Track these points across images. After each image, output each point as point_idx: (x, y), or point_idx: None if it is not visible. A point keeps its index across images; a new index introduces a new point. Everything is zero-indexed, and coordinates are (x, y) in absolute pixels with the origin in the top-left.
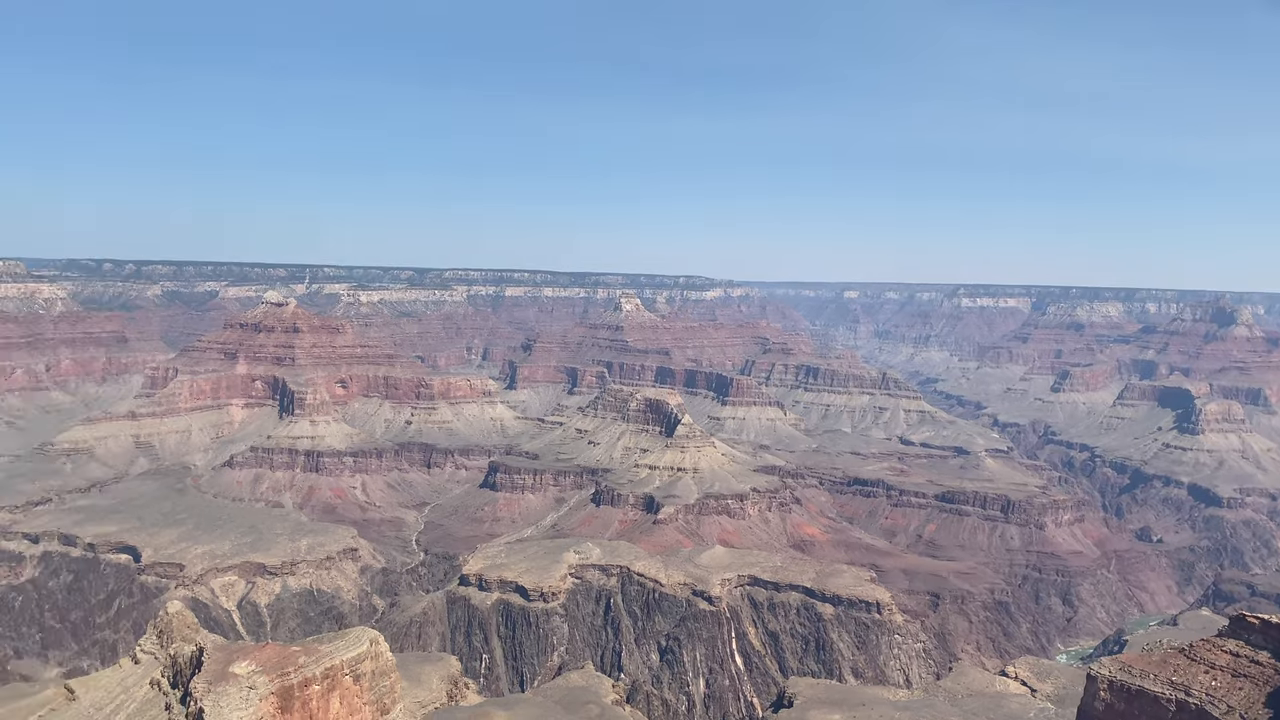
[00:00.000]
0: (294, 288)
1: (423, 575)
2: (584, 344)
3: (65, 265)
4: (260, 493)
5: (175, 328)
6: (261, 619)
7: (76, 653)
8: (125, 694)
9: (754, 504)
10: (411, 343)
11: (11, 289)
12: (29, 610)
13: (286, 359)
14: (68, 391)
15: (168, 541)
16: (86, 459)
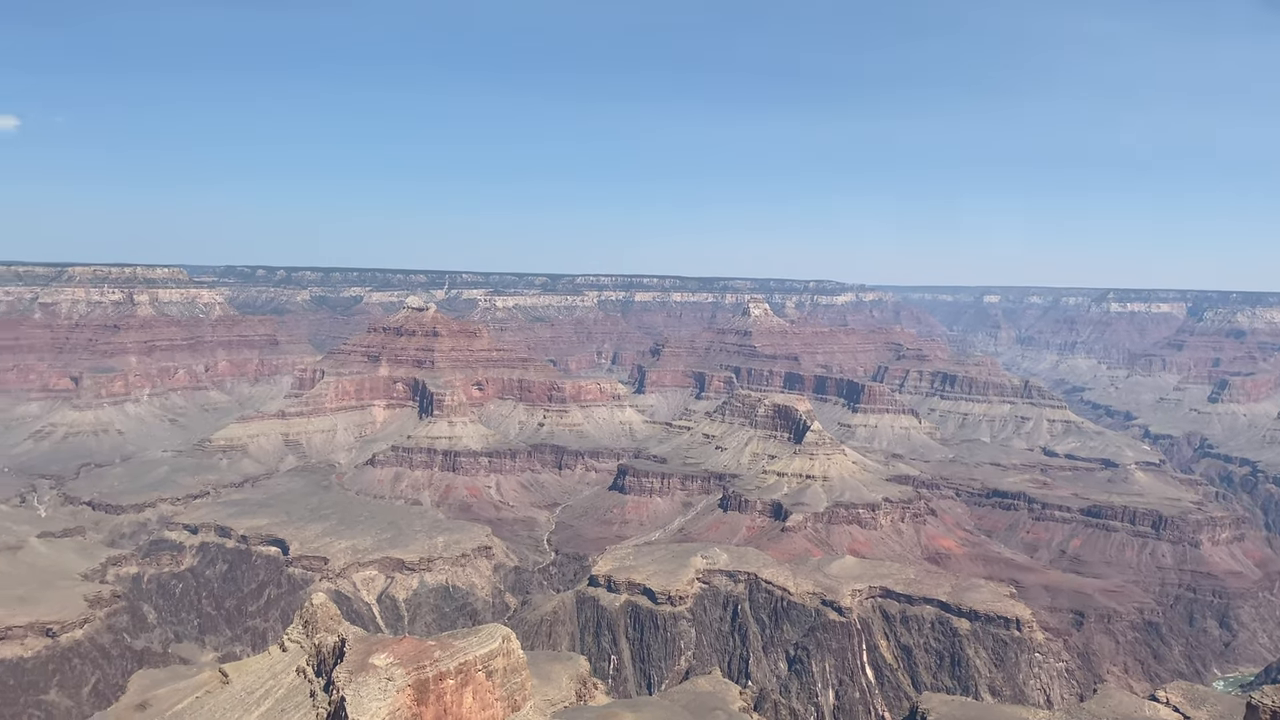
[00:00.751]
0: (434, 293)
1: (553, 574)
2: (712, 349)
3: (223, 272)
4: (400, 490)
5: (322, 331)
6: (399, 613)
7: (230, 639)
8: (274, 680)
9: (886, 514)
10: (544, 347)
11: (175, 294)
12: (188, 597)
13: (426, 362)
14: (224, 391)
15: (313, 535)
16: (240, 455)
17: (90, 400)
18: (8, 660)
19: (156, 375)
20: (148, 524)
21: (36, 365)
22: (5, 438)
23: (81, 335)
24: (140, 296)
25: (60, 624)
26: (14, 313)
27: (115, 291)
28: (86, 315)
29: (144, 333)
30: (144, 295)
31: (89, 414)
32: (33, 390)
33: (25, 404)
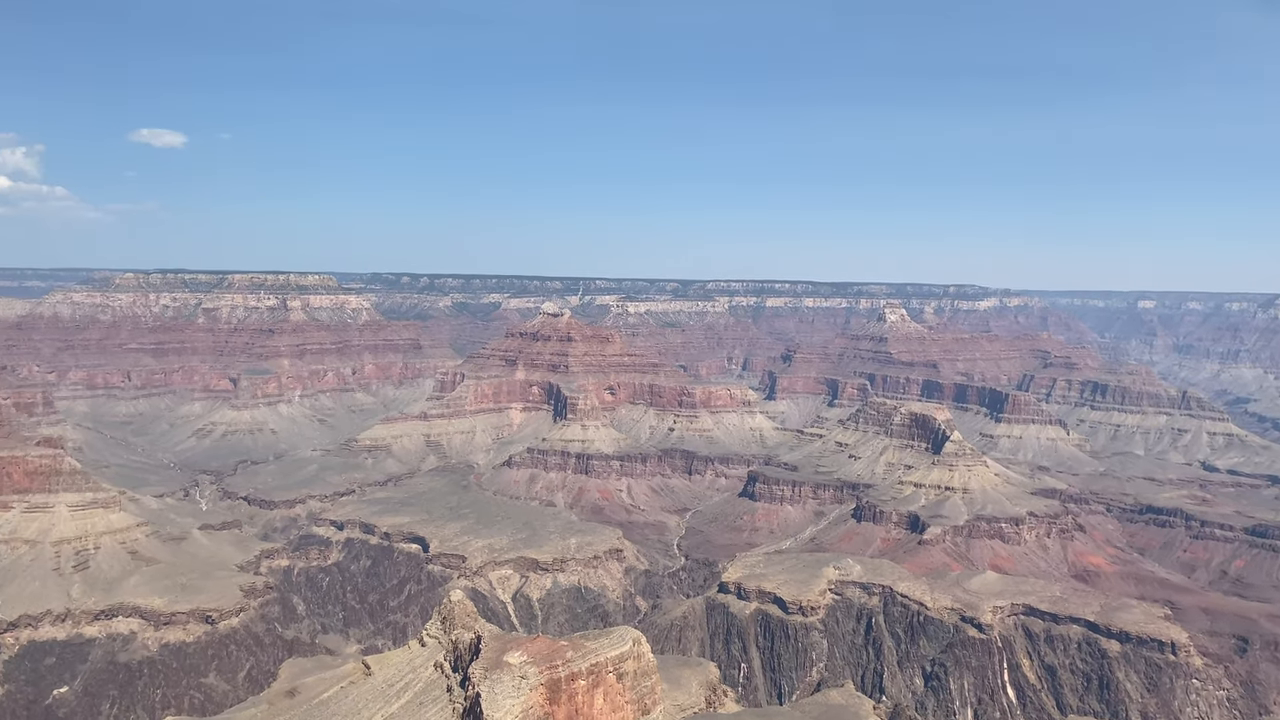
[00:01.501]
0: (569, 299)
1: (683, 579)
2: (845, 355)
3: (370, 279)
4: (535, 492)
5: (463, 336)
6: (533, 612)
7: (372, 632)
8: (413, 674)
9: (1030, 529)
10: (675, 352)
11: (325, 300)
12: (334, 590)
13: (561, 366)
14: (370, 393)
15: (452, 534)
16: (384, 455)
17: (247, 401)
18: (172, 644)
19: (307, 377)
20: (298, 519)
21: (199, 367)
22: (171, 435)
23: (240, 339)
24: (293, 302)
25: (218, 612)
26: (180, 318)
27: (270, 298)
28: (244, 320)
29: (296, 337)
30: (296, 301)
31: (246, 413)
32: (196, 390)
33: (189, 403)
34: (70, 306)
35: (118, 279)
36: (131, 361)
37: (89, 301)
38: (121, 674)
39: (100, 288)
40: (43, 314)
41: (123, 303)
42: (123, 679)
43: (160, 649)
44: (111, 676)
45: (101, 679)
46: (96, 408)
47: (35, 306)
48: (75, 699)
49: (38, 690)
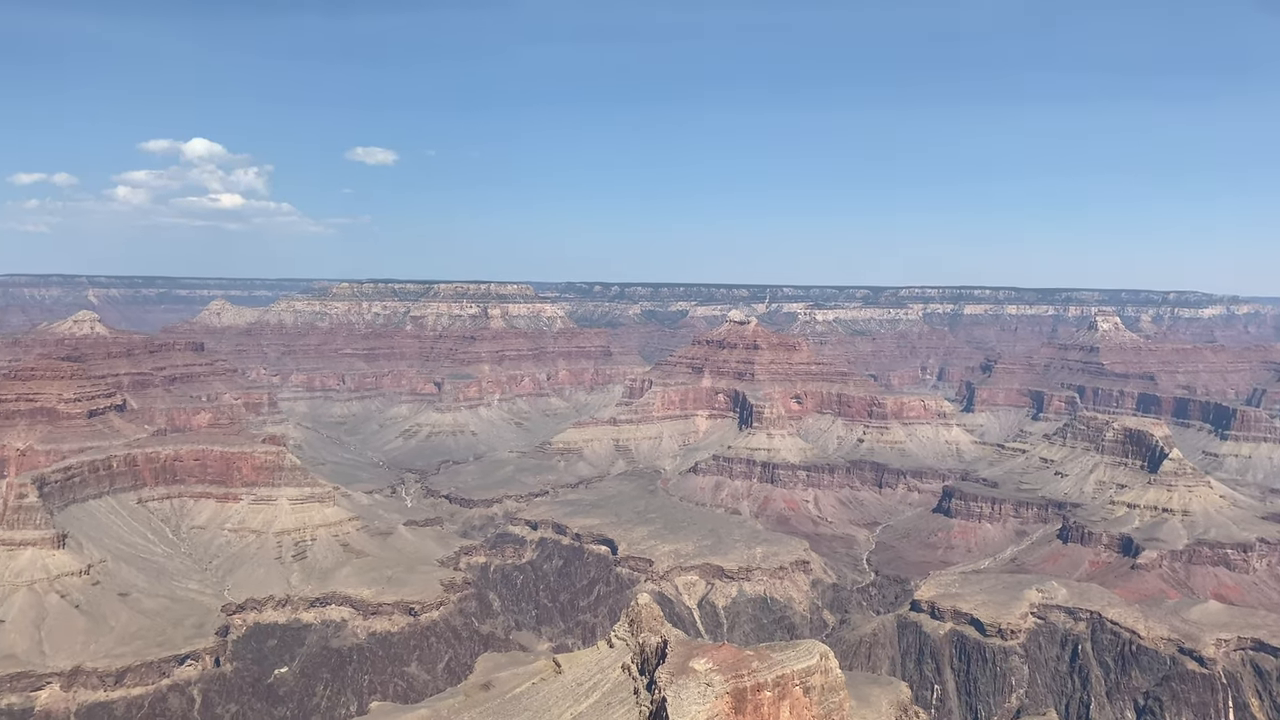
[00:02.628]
0: (755, 307)
1: (873, 595)
2: (1051, 366)
3: (564, 288)
4: (720, 499)
5: (651, 343)
6: (719, 620)
7: (563, 630)
8: (601, 674)
9: (1261, 556)
10: (865, 361)
11: (523, 309)
12: (528, 588)
13: (746, 374)
14: (563, 397)
15: (639, 538)
16: (576, 458)
17: (450, 404)
18: (378, 633)
19: (505, 382)
20: (495, 518)
21: (407, 372)
22: (380, 435)
23: (444, 345)
24: (493, 311)
25: (421, 604)
26: (390, 325)
27: (472, 306)
28: (448, 327)
29: (495, 343)
30: (496, 309)
31: (448, 416)
32: (403, 394)
33: (397, 405)
34: (293, 314)
35: (335, 289)
36: (346, 366)
37: (309, 310)
38: (334, 659)
39: (319, 297)
40: (269, 321)
41: (339, 311)
42: (335, 663)
43: (368, 637)
44: (325, 660)
45: (316, 662)
46: (315, 408)
47: (263, 314)
48: (293, 679)
49: (261, 669)
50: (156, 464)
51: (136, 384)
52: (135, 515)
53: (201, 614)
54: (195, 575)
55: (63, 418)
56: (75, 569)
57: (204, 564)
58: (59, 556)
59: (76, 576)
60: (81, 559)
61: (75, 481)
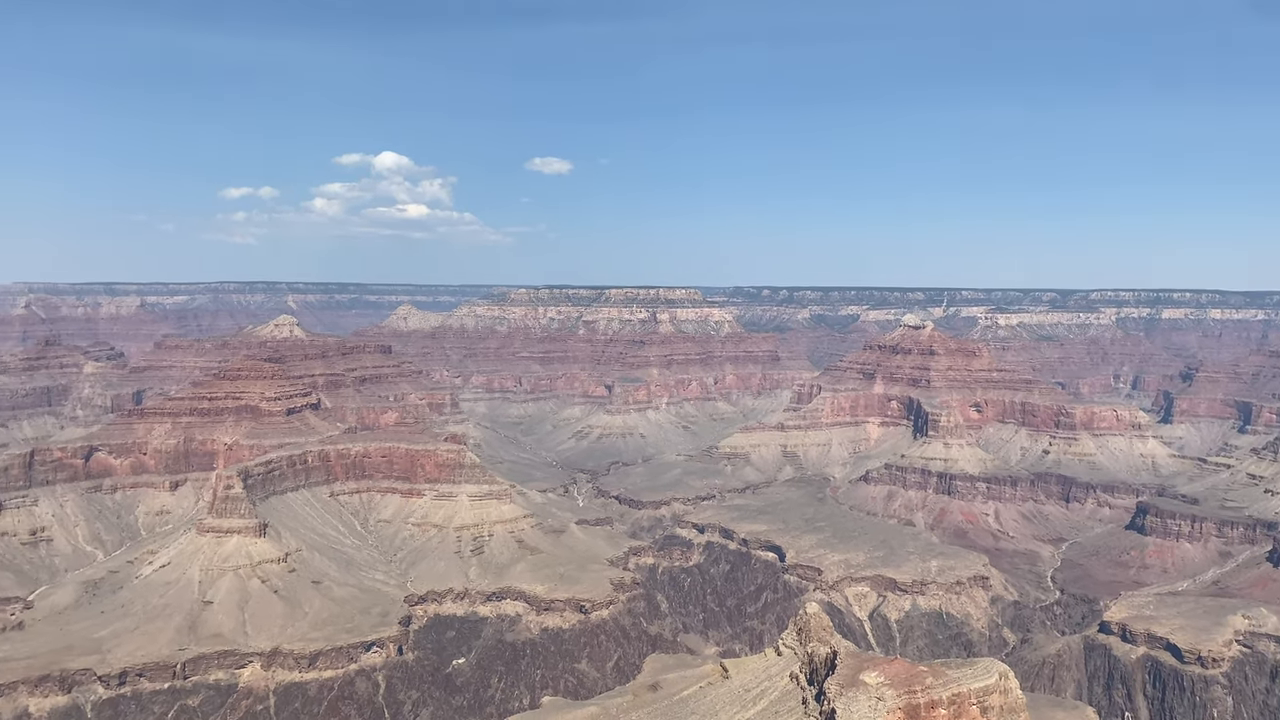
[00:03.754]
0: (931, 311)
1: (1057, 615)
2: (1260, 375)
3: (732, 292)
4: (892, 509)
5: (820, 348)
6: (890, 633)
7: (730, 635)
8: (768, 681)
9: None
10: (1051, 368)
11: (690, 313)
12: (695, 591)
13: (921, 381)
14: (730, 402)
15: (808, 546)
16: (743, 463)
17: (620, 406)
18: (550, 629)
19: (673, 386)
20: (662, 520)
21: (579, 375)
22: (554, 436)
23: (614, 349)
24: (662, 315)
25: (591, 603)
26: (564, 329)
27: (642, 311)
28: (619, 332)
29: (664, 348)
30: (665, 314)
31: (618, 418)
32: (576, 396)
33: (570, 407)
34: (474, 319)
35: (512, 294)
36: (522, 368)
37: (489, 314)
38: (508, 652)
39: (498, 302)
40: (451, 326)
41: (516, 316)
42: (509, 657)
43: (541, 633)
44: (500, 654)
45: (491, 655)
46: (493, 409)
47: (446, 319)
48: (470, 670)
49: (440, 659)
50: (347, 460)
51: (330, 384)
52: (328, 508)
53: (386, 604)
54: (381, 566)
55: (264, 415)
56: (275, 556)
57: (389, 556)
58: (260, 544)
59: (275, 564)
60: (280, 547)
61: (275, 475)
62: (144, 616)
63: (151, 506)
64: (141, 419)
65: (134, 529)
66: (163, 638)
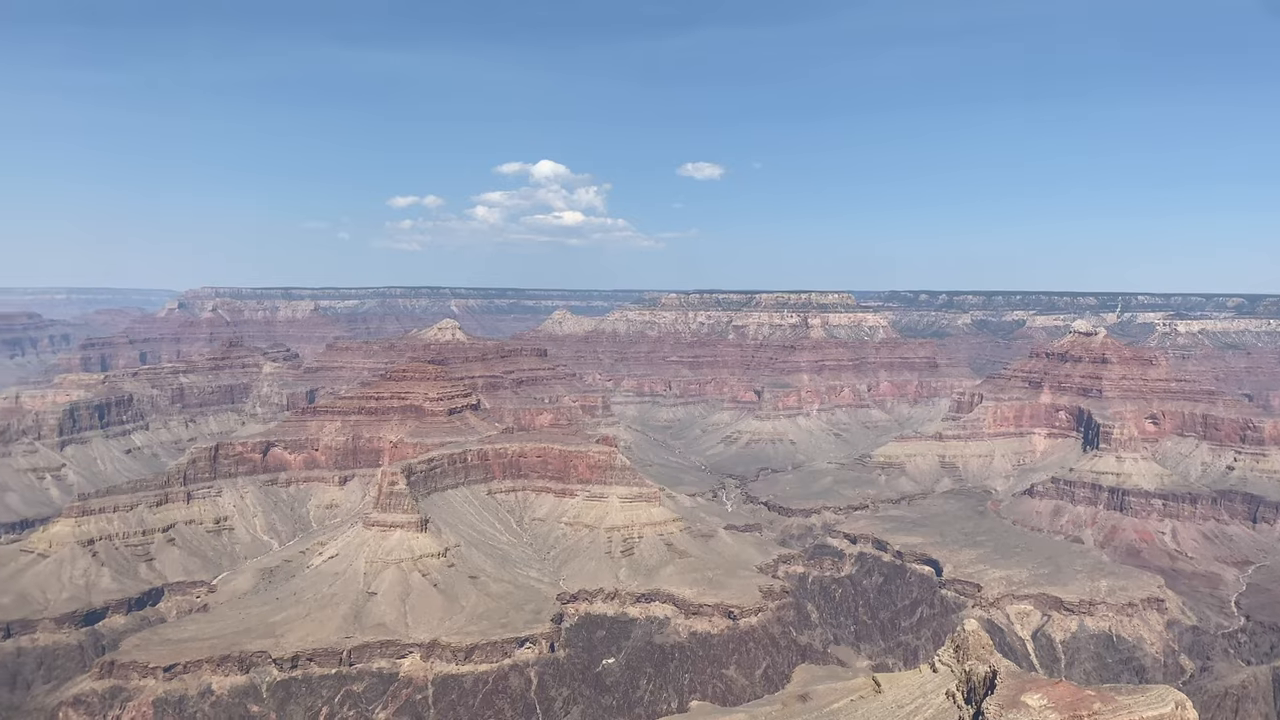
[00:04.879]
0: (1104, 317)
1: (1241, 643)
2: None
3: (887, 297)
4: (1059, 525)
5: (981, 355)
6: (1055, 654)
7: (883, 649)
8: (923, 698)
9: None
10: (1237, 379)
11: (843, 318)
12: (846, 602)
13: (1092, 390)
14: (884, 410)
15: (966, 560)
16: (897, 473)
17: (769, 412)
18: (699, 633)
19: (825, 392)
20: (813, 529)
21: (728, 380)
22: (702, 440)
23: (764, 354)
24: (813, 320)
25: (740, 609)
26: (713, 334)
27: (792, 316)
28: (769, 337)
29: (815, 353)
30: (816, 319)
31: (768, 424)
32: (725, 401)
33: (719, 412)
34: (625, 323)
35: (663, 299)
36: (672, 373)
37: (640, 319)
38: (657, 654)
39: (649, 307)
40: (604, 330)
41: (666, 320)
42: (657, 659)
43: (689, 636)
44: (649, 655)
45: (640, 656)
46: (643, 412)
47: (599, 323)
48: (619, 670)
49: (590, 658)
50: (504, 459)
51: (489, 385)
52: (485, 505)
53: (539, 601)
54: (535, 564)
55: (427, 414)
56: (435, 551)
57: (542, 554)
58: (421, 539)
59: (435, 558)
60: (440, 542)
61: (436, 472)
62: (314, 604)
63: (322, 500)
64: (314, 417)
65: (306, 521)
66: (331, 625)
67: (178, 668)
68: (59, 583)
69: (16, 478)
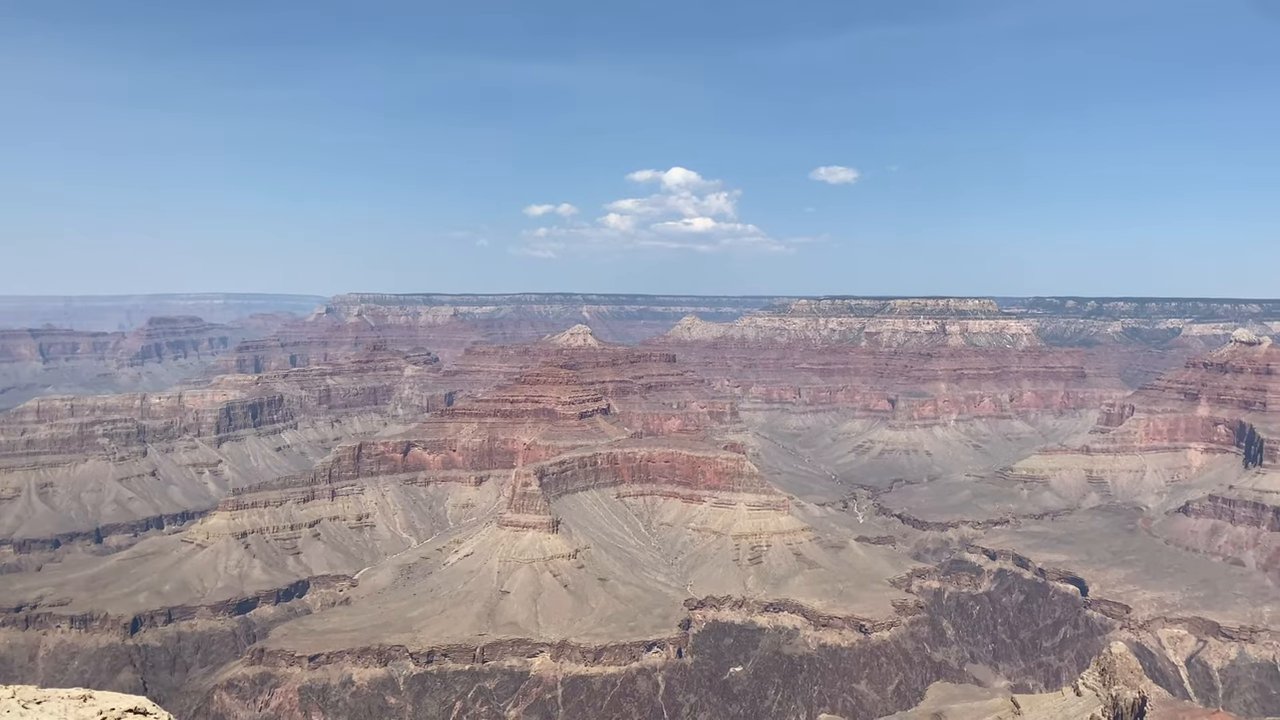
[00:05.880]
0: (1269, 325)
1: None
2: None
3: (1031, 303)
4: (1217, 546)
5: (1133, 365)
6: (1212, 682)
7: (1022, 670)
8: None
9: None
10: None
11: (983, 325)
12: (984, 620)
13: (1255, 404)
14: (1027, 421)
15: (1114, 580)
16: (1041, 487)
17: (903, 422)
18: (829, 645)
19: (963, 402)
20: (949, 543)
21: (860, 387)
22: (833, 449)
23: (898, 362)
24: (951, 327)
25: (871, 623)
26: (845, 341)
27: (929, 322)
28: (903, 344)
29: (953, 361)
30: (955, 326)
31: (902, 434)
32: (856, 409)
33: (850, 420)
34: (754, 330)
35: (793, 305)
36: (802, 380)
37: (769, 325)
38: (785, 665)
39: (779, 313)
40: (733, 336)
41: (796, 326)
42: (786, 669)
43: (818, 648)
44: (776, 665)
45: (768, 666)
46: (771, 419)
47: (727, 330)
48: (747, 679)
49: (718, 665)
50: (633, 464)
51: (618, 390)
52: (614, 509)
53: (667, 606)
54: (663, 568)
55: (559, 418)
56: (565, 552)
57: (670, 558)
58: (553, 540)
59: (566, 559)
60: (570, 543)
61: (567, 474)
62: (449, 601)
63: (458, 499)
64: (452, 418)
65: (442, 519)
66: (465, 622)
67: (321, 658)
68: (215, 572)
69: (179, 472)
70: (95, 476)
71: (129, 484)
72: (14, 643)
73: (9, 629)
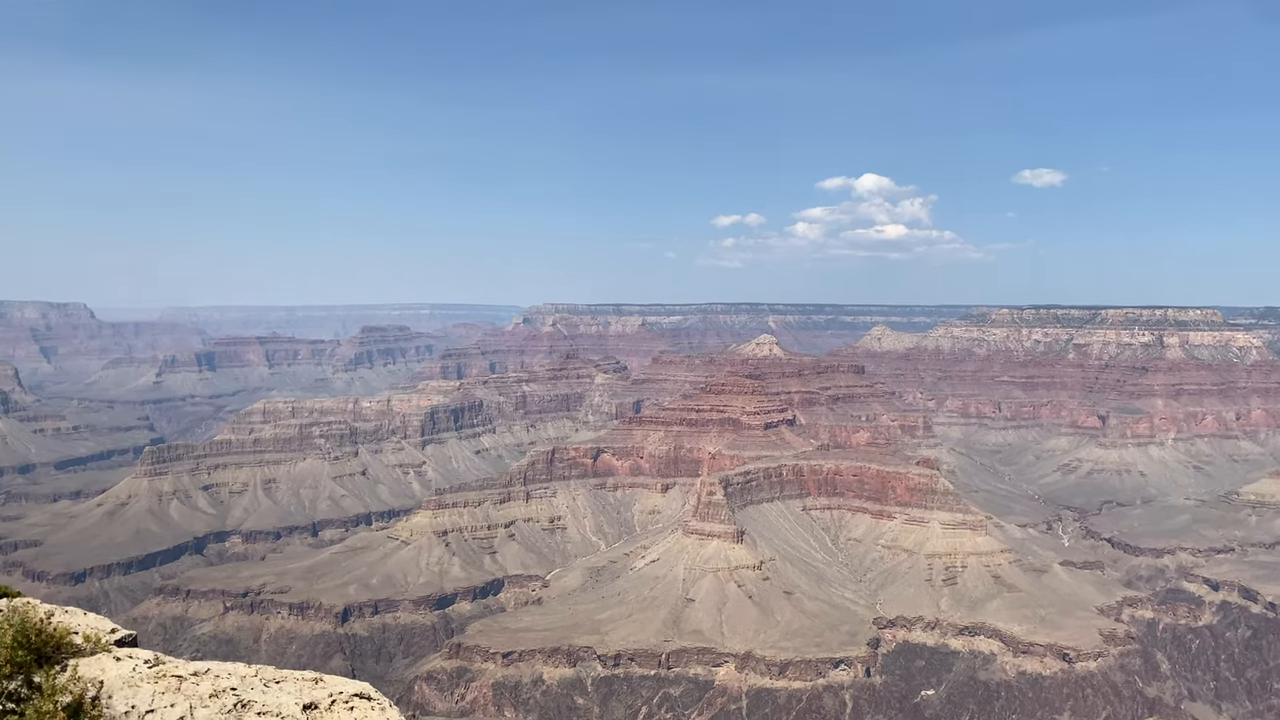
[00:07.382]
0: None
1: None
2: None
3: (1262, 313)
4: None
5: None
6: None
7: (1249, 712)
8: None
9: None
10: None
11: (1206, 337)
12: (1205, 655)
13: None
14: (1256, 442)
15: None
16: (1272, 514)
17: (1115, 439)
18: (1028, 673)
19: (1182, 419)
20: (1164, 570)
21: (1067, 402)
22: (1035, 467)
23: (1110, 376)
24: (1169, 339)
25: (1077, 652)
26: (1050, 353)
27: (1144, 333)
28: (1115, 357)
29: (1171, 375)
30: (1173, 337)
31: (1113, 453)
32: (1063, 426)
33: (1055, 438)
34: (950, 340)
35: (993, 314)
36: (1002, 393)
37: (966, 336)
38: (980, 691)
39: (977, 323)
40: (926, 347)
41: (996, 337)
42: (981, 696)
43: (1017, 675)
44: (971, 691)
45: (963, 691)
46: (968, 435)
47: (920, 340)
48: (939, 704)
49: (908, 687)
50: (819, 476)
51: (804, 401)
52: (800, 521)
53: (855, 623)
54: (850, 585)
55: (744, 428)
56: (750, 563)
57: (858, 575)
58: (737, 550)
59: (750, 570)
60: (755, 555)
61: (752, 485)
62: (636, 605)
63: (645, 505)
64: (639, 426)
65: (630, 524)
66: (650, 627)
67: (514, 655)
68: (417, 568)
69: (387, 472)
70: (312, 474)
71: (341, 482)
72: (241, 625)
73: (238, 612)
